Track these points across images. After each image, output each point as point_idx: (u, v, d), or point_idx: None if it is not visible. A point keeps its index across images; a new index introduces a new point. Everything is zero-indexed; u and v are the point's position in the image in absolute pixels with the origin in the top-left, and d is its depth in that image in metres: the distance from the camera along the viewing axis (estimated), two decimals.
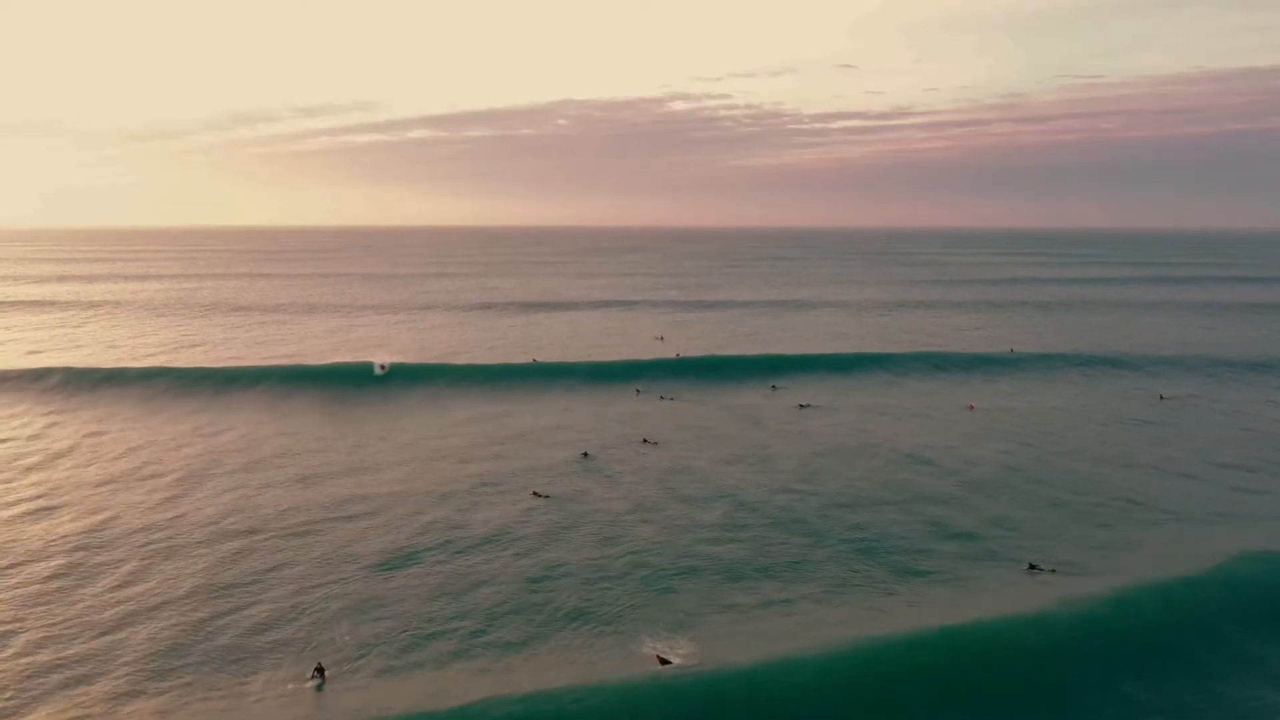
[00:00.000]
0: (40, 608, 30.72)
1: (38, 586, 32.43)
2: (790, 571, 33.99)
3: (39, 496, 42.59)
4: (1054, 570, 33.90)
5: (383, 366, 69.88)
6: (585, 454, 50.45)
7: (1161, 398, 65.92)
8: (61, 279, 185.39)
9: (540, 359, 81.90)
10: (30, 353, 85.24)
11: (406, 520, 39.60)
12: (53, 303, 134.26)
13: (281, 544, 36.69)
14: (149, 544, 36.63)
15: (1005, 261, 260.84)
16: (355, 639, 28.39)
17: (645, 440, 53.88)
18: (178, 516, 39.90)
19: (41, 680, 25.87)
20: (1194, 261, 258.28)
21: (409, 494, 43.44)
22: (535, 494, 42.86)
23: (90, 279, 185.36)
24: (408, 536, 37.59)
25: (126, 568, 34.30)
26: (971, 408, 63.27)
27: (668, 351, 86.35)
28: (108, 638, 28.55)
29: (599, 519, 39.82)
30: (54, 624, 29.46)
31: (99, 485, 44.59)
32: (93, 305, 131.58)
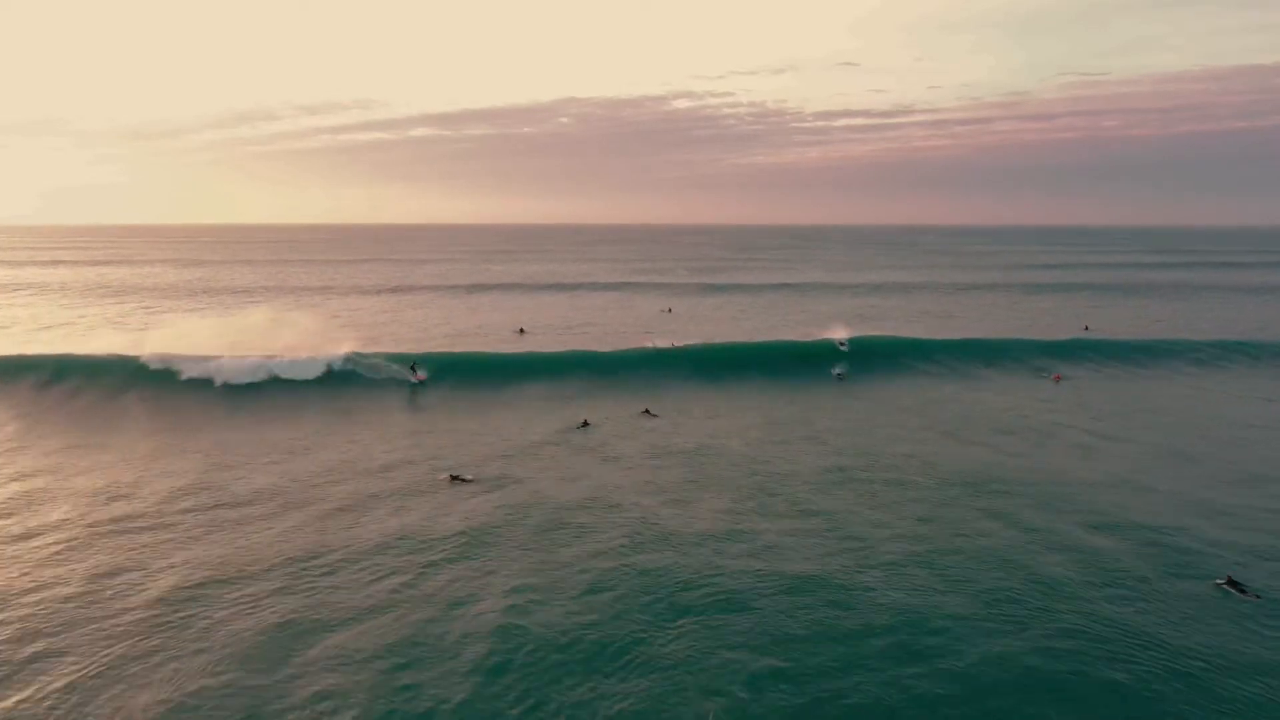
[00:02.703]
0: None
1: None
2: (877, 614, 22.70)
3: None
4: (1259, 596, 22.78)
5: (419, 376, 49.71)
6: (585, 423, 41.07)
7: None
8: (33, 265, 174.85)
9: (528, 328, 71.43)
10: None
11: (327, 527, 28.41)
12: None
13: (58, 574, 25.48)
14: None
15: (1029, 251, 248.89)
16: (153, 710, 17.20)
17: (647, 411, 43.84)
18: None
19: None
20: (1222, 250, 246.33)
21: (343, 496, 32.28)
22: (453, 478, 31.81)
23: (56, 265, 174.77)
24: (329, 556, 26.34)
25: None
26: (1056, 379, 52.53)
27: (675, 321, 75.84)
28: None
29: (604, 518, 28.57)
30: None
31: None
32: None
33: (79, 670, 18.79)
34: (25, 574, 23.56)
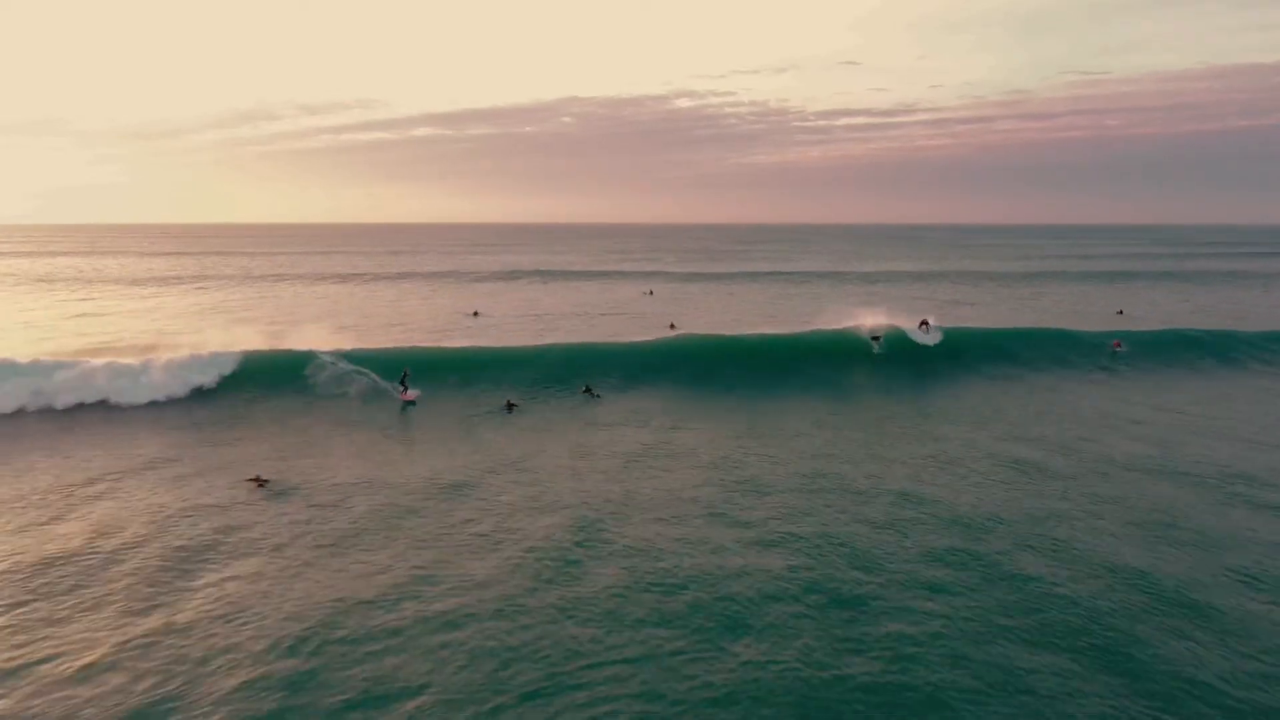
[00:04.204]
0: None
1: None
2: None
3: None
4: None
5: (405, 392, 35.94)
6: (510, 405, 33.45)
7: None
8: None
9: (483, 311, 63.14)
10: None
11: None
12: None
13: None
14: None
15: (1037, 245, 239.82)
16: None
17: (587, 390, 35.98)
18: None
19: None
20: (1241, 244, 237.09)
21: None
22: (257, 480, 23.30)
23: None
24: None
25: None
26: (1116, 345, 45.96)
27: (655, 303, 67.53)
28: None
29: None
30: None
31: None
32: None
33: None
34: None
